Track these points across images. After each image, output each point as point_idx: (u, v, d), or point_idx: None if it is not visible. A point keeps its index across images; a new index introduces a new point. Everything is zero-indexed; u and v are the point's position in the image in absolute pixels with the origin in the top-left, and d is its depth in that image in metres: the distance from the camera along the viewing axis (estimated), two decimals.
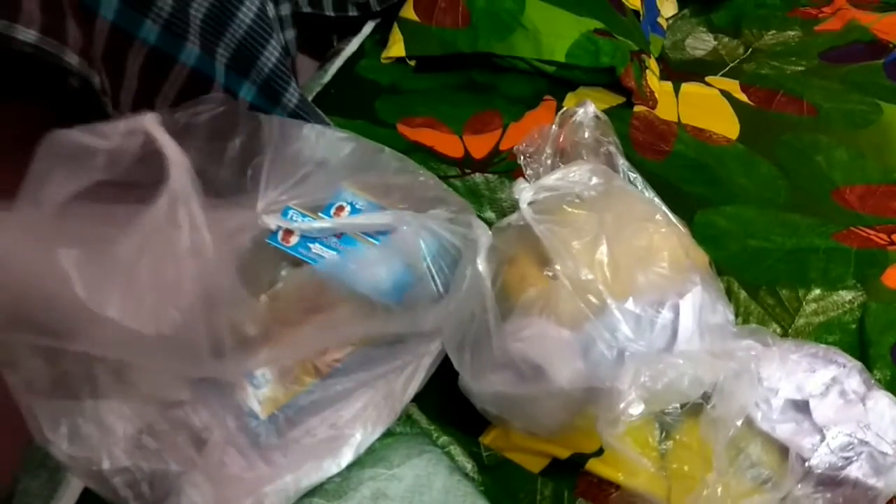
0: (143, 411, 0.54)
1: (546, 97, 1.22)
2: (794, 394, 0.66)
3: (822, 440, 0.63)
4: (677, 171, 1.07)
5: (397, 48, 1.31)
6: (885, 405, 0.65)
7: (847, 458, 0.62)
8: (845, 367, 0.68)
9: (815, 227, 0.96)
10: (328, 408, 0.63)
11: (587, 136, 0.79)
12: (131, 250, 0.50)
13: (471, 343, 0.65)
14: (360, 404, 0.64)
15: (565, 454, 0.66)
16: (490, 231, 0.71)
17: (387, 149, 0.77)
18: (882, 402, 0.66)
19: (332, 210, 0.72)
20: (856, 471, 0.62)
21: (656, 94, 1.21)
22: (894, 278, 0.87)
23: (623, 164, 0.80)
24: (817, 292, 0.86)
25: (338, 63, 1.32)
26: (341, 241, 0.68)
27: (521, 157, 0.77)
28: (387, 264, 0.66)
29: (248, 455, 0.59)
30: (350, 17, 1.38)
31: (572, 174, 0.73)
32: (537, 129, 0.80)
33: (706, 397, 0.62)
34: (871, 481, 0.61)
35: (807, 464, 0.62)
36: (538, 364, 0.63)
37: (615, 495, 0.63)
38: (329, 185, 0.73)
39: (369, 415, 0.64)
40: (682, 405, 0.64)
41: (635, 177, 0.80)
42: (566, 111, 0.80)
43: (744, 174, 1.07)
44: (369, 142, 0.77)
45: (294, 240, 0.68)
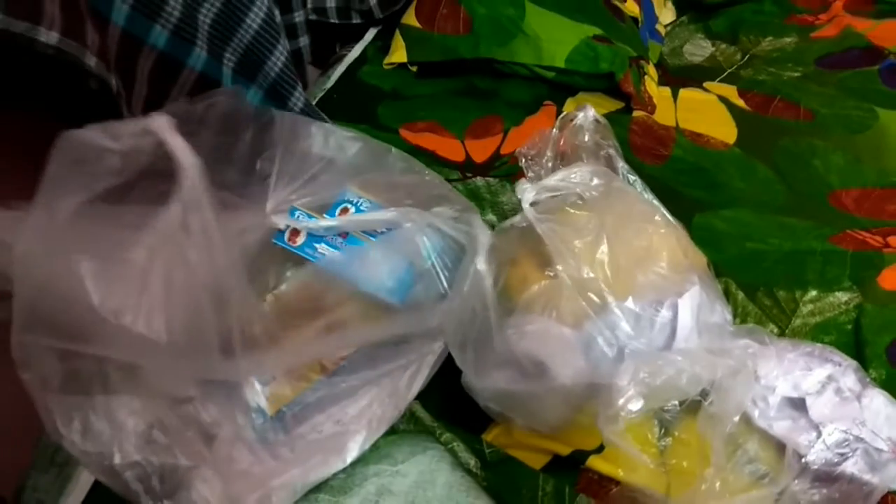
0: (154, 407, 0.55)
1: (546, 102, 1.23)
2: (790, 392, 0.67)
3: (819, 437, 0.64)
4: (676, 175, 1.08)
5: (399, 54, 1.32)
6: (880, 403, 0.66)
7: (843, 454, 0.63)
8: (841, 365, 0.69)
9: (812, 229, 0.97)
10: (334, 404, 0.64)
11: (587, 139, 0.80)
12: (144, 256, 0.51)
13: (473, 341, 0.66)
14: (365, 401, 0.65)
15: (566, 451, 0.67)
16: (489, 231, 0.72)
17: (393, 149, 0.78)
18: (877, 399, 0.67)
19: (337, 211, 0.73)
20: (851, 467, 0.63)
21: (655, 100, 1.22)
22: (889, 280, 0.88)
23: (622, 166, 0.81)
24: (814, 293, 0.87)
25: (340, 69, 1.33)
26: (346, 240, 0.69)
27: (523, 159, 0.78)
28: (390, 262, 0.67)
29: (256, 450, 0.60)
30: (353, 24, 1.40)
31: (573, 175, 0.74)
32: (538, 133, 0.81)
33: (704, 394, 0.63)
34: (866, 477, 0.63)
35: (803, 460, 0.63)
36: (540, 361, 0.64)
37: (615, 491, 0.65)
38: (335, 185, 0.74)
39: (374, 412, 0.65)
40: (680, 402, 0.64)
41: (634, 179, 0.81)
42: (566, 115, 0.81)
43: (741, 178, 1.08)
44: (376, 141, 0.78)
45: (300, 240, 0.69)
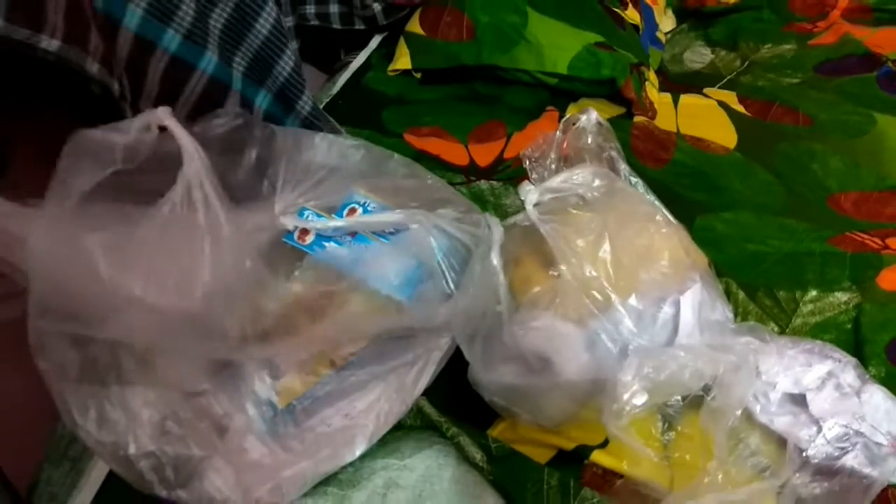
0: (168, 398, 0.57)
1: (548, 108, 1.25)
2: (791, 388, 0.68)
3: (819, 431, 0.65)
4: (677, 178, 1.10)
5: (403, 61, 1.34)
6: (879, 398, 0.68)
7: (843, 448, 0.64)
8: (840, 361, 0.70)
9: (811, 231, 0.99)
10: (343, 399, 0.65)
11: (590, 141, 0.81)
12: (152, 232, 0.53)
13: (482, 335, 0.67)
14: (374, 396, 0.66)
15: (571, 446, 0.68)
16: (501, 227, 0.74)
17: (396, 154, 0.79)
18: (876, 395, 0.68)
19: (345, 212, 0.75)
20: (851, 460, 0.64)
21: (656, 105, 1.24)
22: (888, 280, 0.90)
23: (624, 168, 0.82)
24: (814, 293, 0.88)
25: (346, 75, 1.36)
26: (355, 239, 0.71)
27: (527, 161, 0.79)
28: (399, 261, 0.68)
29: (267, 442, 0.61)
30: (357, 32, 1.41)
31: (576, 176, 0.75)
32: (542, 135, 0.83)
33: (706, 389, 0.64)
34: (866, 470, 0.64)
35: (804, 454, 0.64)
36: (545, 357, 0.66)
37: (619, 484, 0.66)
38: (341, 189, 0.76)
39: (382, 406, 0.66)
40: (683, 397, 0.66)
41: (637, 181, 0.83)
42: (570, 118, 0.82)
43: (742, 181, 1.09)
44: (379, 148, 0.79)
45: (310, 239, 0.70)
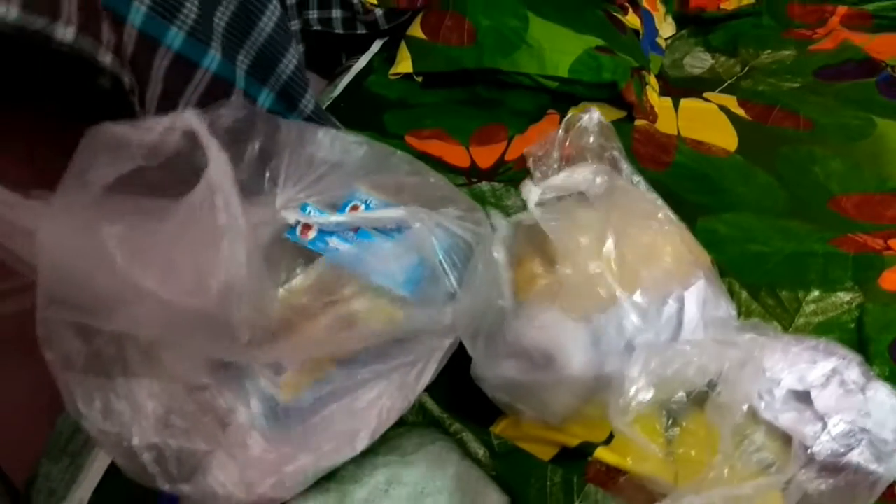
0: (172, 392, 0.56)
1: (549, 111, 1.25)
2: (795, 385, 0.68)
3: (824, 428, 0.65)
4: (678, 181, 1.10)
5: (405, 65, 1.34)
6: (884, 395, 0.67)
7: (848, 444, 0.64)
8: (845, 359, 0.70)
9: (813, 233, 0.99)
10: (345, 395, 0.65)
11: (592, 141, 0.82)
12: (171, 228, 0.53)
13: (485, 331, 0.67)
14: (376, 392, 0.66)
15: (574, 443, 0.68)
16: (505, 222, 0.74)
17: (398, 151, 0.79)
18: (881, 391, 0.67)
19: (348, 208, 0.75)
20: (857, 457, 0.63)
21: (656, 109, 1.25)
22: (890, 281, 0.90)
23: (626, 167, 0.82)
24: (816, 293, 0.88)
25: (347, 79, 1.36)
26: (357, 235, 0.71)
27: (531, 159, 0.79)
28: (401, 257, 0.68)
29: (270, 438, 0.60)
30: (358, 36, 1.42)
31: (577, 174, 0.76)
32: (545, 135, 0.83)
33: (712, 385, 0.64)
34: (872, 467, 0.63)
35: (809, 451, 0.64)
36: (549, 352, 0.65)
37: (623, 480, 0.65)
38: (344, 185, 0.76)
39: (384, 403, 0.66)
40: (688, 393, 0.65)
41: (639, 180, 0.83)
42: (572, 117, 0.82)
43: (743, 184, 1.09)
44: (381, 144, 0.79)
45: (312, 234, 0.70)
